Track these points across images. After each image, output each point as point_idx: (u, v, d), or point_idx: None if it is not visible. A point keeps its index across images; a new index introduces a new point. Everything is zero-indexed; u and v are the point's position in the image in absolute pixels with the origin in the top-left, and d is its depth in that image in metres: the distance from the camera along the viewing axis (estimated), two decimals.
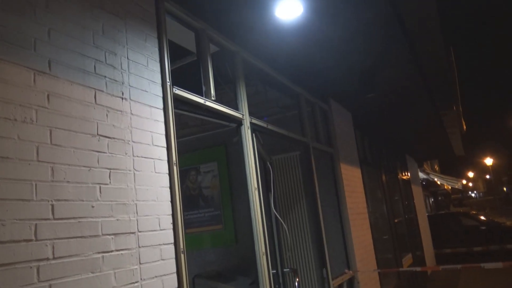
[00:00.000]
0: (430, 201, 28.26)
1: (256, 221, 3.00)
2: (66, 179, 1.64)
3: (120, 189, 1.87)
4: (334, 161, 5.26)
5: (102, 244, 1.73)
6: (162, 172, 2.15)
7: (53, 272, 1.51)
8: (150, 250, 1.97)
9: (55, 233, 1.55)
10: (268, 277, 3.01)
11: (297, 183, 5.37)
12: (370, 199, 6.42)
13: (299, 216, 5.30)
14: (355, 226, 5.28)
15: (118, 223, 1.83)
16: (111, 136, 1.89)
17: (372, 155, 7.61)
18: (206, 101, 2.71)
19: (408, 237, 9.44)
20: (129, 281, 1.82)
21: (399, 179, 9.88)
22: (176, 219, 2.16)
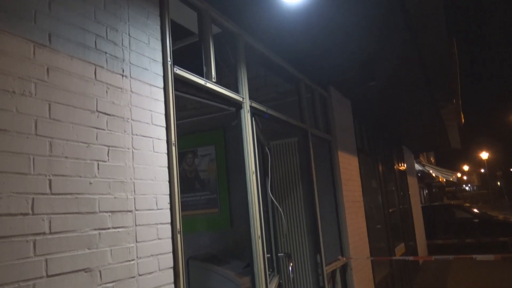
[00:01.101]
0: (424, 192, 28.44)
1: (252, 205, 3.00)
2: (64, 154, 1.62)
3: (118, 166, 1.86)
4: (332, 148, 5.26)
5: (99, 221, 1.72)
6: (160, 151, 2.14)
7: (50, 247, 1.51)
8: (147, 229, 1.97)
9: (52, 208, 1.54)
10: (262, 260, 3.03)
11: (294, 169, 5.38)
12: (365, 188, 6.44)
13: (295, 202, 5.32)
14: (350, 214, 5.31)
15: (116, 200, 1.82)
16: (111, 113, 1.87)
17: (369, 144, 7.62)
18: (206, 82, 2.68)
19: (401, 227, 9.52)
20: (125, 259, 1.82)
21: (395, 169, 9.92)
22: (173, 199, 2.15)
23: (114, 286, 1.74)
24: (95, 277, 1.67)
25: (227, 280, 4.42)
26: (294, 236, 5.29)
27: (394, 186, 9.62)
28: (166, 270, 2.05)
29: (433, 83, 5.85)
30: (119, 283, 1.77)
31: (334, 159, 5.24)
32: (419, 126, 8.75)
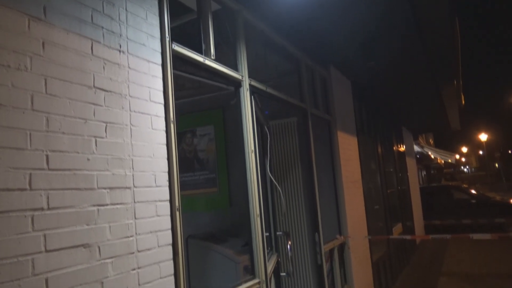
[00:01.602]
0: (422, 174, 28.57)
1: (251, 183, 3.00)
2: (61, 130, 1.61)
3: (116, 143, 1.85)
4: (331, 128, 5.25)
5: (97, 197, 1.72)
6: (159, 129, 2.13)
7: (48, 222, 1.51)
8: (146, 206, 1.97)
9: (50, 183, 1.54)
10: (261, 239, 3.05)
11: (293, 149, 5.37)
12: (364, 168, 6.45)
13: (294, 182, 5.33)
14: (349, 194, 5.33)
15: (114, 177, 1.81)
16: (108, 89, 1.85)
17: (369, 125, 7.60)
18: (205, 59, 2.65)
19: (399, 207, 9.58)
20: (124, 235, 1.82)
21: (394, 150, 9.93)
22: (172, 176, 2.15)
23: (113, 262, 1.75)
24: (94, 253, 1.67)
25: (226, 258, 4.46)
26: (292, 215, 5.32)
27: (393, 167, 9.64)
28: (165, 246, 2.06)
29: (434, 63, 5.80)
30: (118, 259, 1.78)
31: (333, 139, 5.23)
32: (419, 106, 8.72)
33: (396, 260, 8.07)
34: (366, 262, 5.83)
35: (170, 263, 2.07)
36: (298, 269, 5.23)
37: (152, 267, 1.96)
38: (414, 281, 7.80)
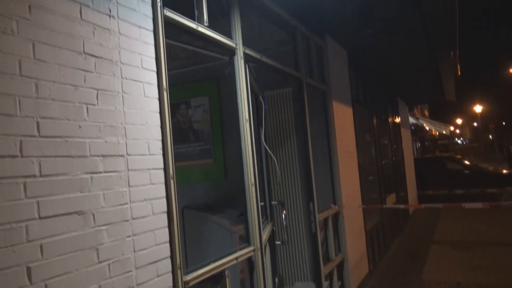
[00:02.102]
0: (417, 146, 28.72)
1: (246, 152, 3.00)
2: (51, 97, 1.58)
3: (108, 110, 1.82)
4: (327, 98, 5.22)
5: (90, 164, 1.71)
6: (151, 96, 2.10)
7: (41, 189, 1.50)
8: (139, 174, 1.96)
9: (41, 150, 1.52)
10: (256, 208, 3.07)
11: (288, 119, 5.35)
12: (359, 139, 6.46)
13: (289, 152, 5.34)
14: (343, 164, 5.35)
15: (107, 145, 1.80)
16: (98, 55, 1.81)
17: (364, 95, 7.57)
18: (198, 26, 2.59)
19: (393, 178, 9.67)
20: (118, 202, 1.82)
21: (389, 121, 9.94)
22: (166, 145, 2.14)
23: (108, 229, 1.76)
24: (88, 220, 1.67)
25: (221, 228, 4.51)
26: (287, 185, 5.35)
27: (388, 138, 9.67)
28: (160, 214, 2.07)
29: (431, 32, 5.72)
30: (112, 226, 1.78)
31: (328, 109, 5.21)
32: (415, 76, 8.67)
33: (389, 229, 8.21)
34: (359, 231, 5.93)
35: (165, 231, 2.09)
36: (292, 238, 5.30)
37: (147, 234, 1.97)
38: (406, 249, 7.96)
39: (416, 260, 7.10)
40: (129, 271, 1.85)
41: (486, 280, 5.71)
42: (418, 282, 5.91)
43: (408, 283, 5.91)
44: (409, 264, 6.87)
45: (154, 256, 2.00)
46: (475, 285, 5.56)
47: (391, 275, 6.37)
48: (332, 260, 4.83)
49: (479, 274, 6.01)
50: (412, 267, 6.67)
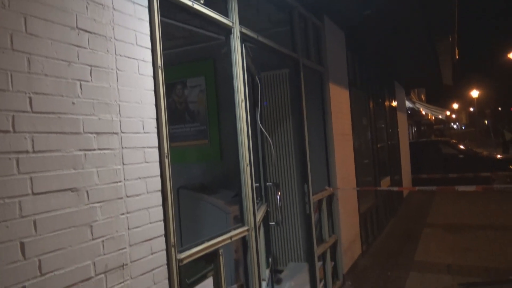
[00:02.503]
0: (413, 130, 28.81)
1: (241, 133, 2.99)
2: (44, 72, 1.56)
3: (102, 87, 1.81)
4: (323, 80, 5.20)
5: (84, 142, 1.70)
6: (146, 74, 2.07)
7: (34, 166, 1.49)
8: (134, 152, 1.95)
9: (34, 126, 1.51)
10: (250, 188, 3.08)
11: (284, 100, 5.34)
12: (355, 122, 6.46)
13: (285, 133, 5.34)
14: (339, 146, 5.36)
15: (101, 122, 1.78)
16: (92, 31, 1.78)
17: (361, 78, 7.54)
18: (194, 3, 2.55)
19: (388, 162, 9.72)
20: (112, 180, 1.82)
21: (386, 105, 9.93)
22: (160, 123, 2.12)
23: (101, 206, 1.76)
24: (82, 197, 1.67)
25: (216, 209, 4.53)
26: (282, 166, 5.37)
27: (384, 122, 9.68)
28: (154, 193, 2.07)
29: (430, 14, 5.67)
30: (107, 203, 1.78)
31: (325, 91, 5.19)
32: (412, 60, 8.63)
33: (383, 212, 8.29)
34: (353, 213, 5.98)
35: (159, 209, 2.09)
36: (287, 219, 5.34)
37: (141, 212, 1.98)
38: (399, 232, 8.06)
39: (408, 242, 7.19)
40: (123, 248, 1.86)
41: (476, 262, 5.81)
42: (409, 263, 6.00)
43: (399, 264, 6.00)
44: (402, 246, 6.96)
45: (148, 234, 2.01)
46: (465, 267, 5.65)
47: (383, 256, 6.46)
48: (325, 241, 4.88)
49: (469, 256, 6.11)
50: (405, 249, 6.76)
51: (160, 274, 2.07)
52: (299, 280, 5.05)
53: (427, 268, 5.70)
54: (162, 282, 2.08)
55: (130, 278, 1.88)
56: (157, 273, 2.05)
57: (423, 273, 5.53)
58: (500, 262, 5.73)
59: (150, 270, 2.00)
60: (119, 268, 1.83)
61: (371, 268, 5.93)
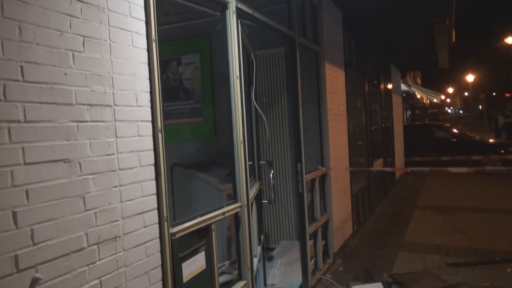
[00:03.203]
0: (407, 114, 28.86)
1: (235, 109, 2.98)
2: (35, 41, 1.53)
3: (95, 59, 1.78)
4: (319, 60, 5.16)
5: (76, 113, 1.69)
6: (140, 47, 2.05)
7: (25, 135, 1.48)
8: (127, 125, 1.95)
9: (26, 96, 1.49)
10: (244, 165, 3.08)
11: (280, 79, 5.32)
12: (350, 103, 6.46)
13: (279, 112, 5.33)
14: (333, 127, 5.37)
15: (93, 94, 1.77)
16: (84, 0, 1.74)
17: (357, 59, 7.51)
18: None
19: (382, 144, 9.77)
20: (105, 153, 1.82)
21: (381, 87, 9.92)
22: (154, 97, 2.11)
23: (94, 178, 1.76)
24: (75, 168, 1.67)
25: (209, 186, 4.56)
26: (276, 145, 5.38)
27: (379, 104, 9.68)
28: (147, 166, 2.07)
29: None
30: (99, 176, 1.78)
31: (320, 71, 5.17)
32: (409, 41, 8.58)
33: (375, 193, 8.38)
34: (345, 194, 6.03)
35: (152, 183, 2.10)
36: (279, 198, 5.39)
37: (134, 185, 1.98)
38: (390, 213, 8.16)
39: (399, 223, 7.29)
40: (116, 220, 1.87)
41: (465, 243, 5.91)
42: (399, 243, 6.09)
43: (389, 244, 6.09)
44: (392, 227, 7.06)
45: (141, 207, 2.01)
46: (454, 248, 5.75)
47: (374, 236, 6.56)
48: (317, 220, 4.94)
49: (458, 237, 6.21)
50: (395, 230, 6.86)
51: (153, 247, 2.09)
52: (290, 258, 5.13)
53: (416, 248, 5.80)
54: (154, 255, 2.10)
55: (122, 250, 1.90)
56: (150, 246, 2.07)
57: (412, 253, 5.62)
58: (488, 244, 5.84)
59: (142, 243, 2.02)
60: (111, 240, 1.84)
61: (361, 247, 6.02)
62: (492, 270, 4.83)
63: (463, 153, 11.99)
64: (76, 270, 1.66)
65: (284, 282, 4.58)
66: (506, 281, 4.48)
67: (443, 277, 4.65)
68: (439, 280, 4.57)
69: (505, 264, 4.97)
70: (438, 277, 4.66)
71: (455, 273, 4.79)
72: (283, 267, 4.92)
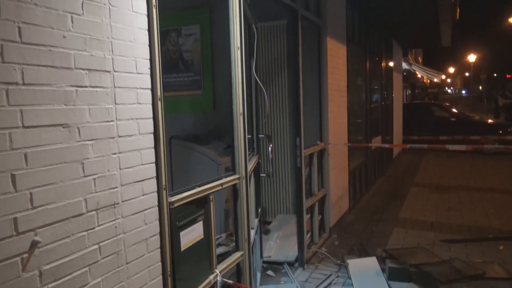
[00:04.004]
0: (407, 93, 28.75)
1: (236, 80, 2.96)
2: (33, 1, 1.49)
3: (94, 22, 1.75)
4: (321, 33, 5.09)
5: (75, 77, 1.66)
6: (140, 12, 2.00)
7: (24, 98, 1.47)
8: (126, 92, 1.92)
9: (24, 58, 1.46)
10: (243, 137, 3.08)
11: (281, 53, 5.26)
12: (350, 78, 6.40)
13: (279, 86, 5.30)
14: (333, 102, 5.34)
15: (92, 58, 1.74)
16: None
17: (359, 34, 7.41)
18: None
19: (381, 122, 9.75)
20: (104, 119, 1.80)
21: (382, 63, 9.83)
22: (154, 64, 2.08)
23: (93, 144, 1.75)
24: (74, 133, 1.66)
25: (208, 159, 4.56)
26: (275, 119, 5.37)
27: (379, 81, 9.62)
28: (146, 134, 2.06)
29: None
30: (98, 142, 1.77)
31: (322, 45, 5.10)
32: (413, 17, 8.44)
33: (372, 170, 8.42)
34: (343, 169, 6.06)
35: (151, 151, 2.09)
36: (277, 172, 5.41)
37: (133, 153, 1.97)
38: (386, 190, 8.23)
39: (395, 200, 7.36)
40: (115, 187, 1.87)
41: (459, 221, 5.99)
42: (394, 219, 6.16)
43: (385, 220, 6.16)
44: (388, 204, 7.13)
45: (139, 175, 2.01)
46: (448, 225, 5.82)
47: (369, 212, 6.62)
48: (314, 194, 4.97)
49: (453, 215, 6.29)
50: (390, 207, 6.93)
51: (151, 215, 2.10)
52: (287, 231, 5.19)
53: (411, 225, 5.87)
54: (153, 223, 2.11)
55: (121, 217, 1.91)
56: (148, 214, 2.08)
57: (407, 229, 5.70)
58: (482, 222, 5.91)
59: (141, 210, 2.03)
60: (110, 207, 1.85)
61: (357, 223, 6.09)
62: (485, 247, 4.91)
63: (461, 133, 12.02)
64: (75, 234, 1.67)
65: (280, 255, 4.65)
66: (498, 258, 4.55)
67: (437, 252, 4.73)
68: (432, 255, 4.64)
69: (498, 242, 5.05)
70: (431, 252, 4.73)
71: (449, 249, 4.86)
72: (279, 240, 4.98)
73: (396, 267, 4.02)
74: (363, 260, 4.49)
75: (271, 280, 4.19)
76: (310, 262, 4.60)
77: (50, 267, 1.56)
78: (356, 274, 4.14)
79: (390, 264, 4.08)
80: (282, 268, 4.46)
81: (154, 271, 2.13)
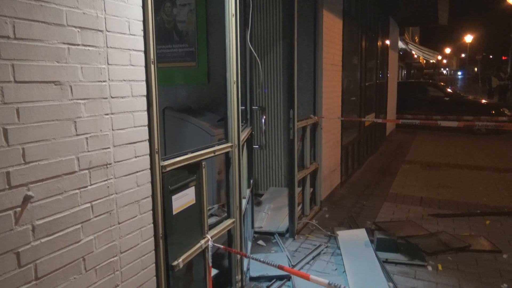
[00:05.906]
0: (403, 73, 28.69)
1: (230, 49, 2.94)
2: None
3: None
4: (317, 5, 5.04)
5: (67, 35, 1.65)
6: None
7: (15, 53, 1.46)
8: (119, 53, 1.91)
9: (15, 11, 1.44)
10: (236, 107, 3.08)
11: (276, 24, 5.21)
12: (346, 54, 6.38)
13: (274, 58, 5.27)
14: (327, 76, 5.34)
15: (85, 16, 1.72)
16: None
17: (356, 9, 7.34)
18: None
19: (375, 100, 9.76)
20: (96, 79, 1.80)
21: (378, 40, 9.77)
22: (147, 27, 2.06)
23: (85, 104, 1.75)
24: (66, 91, 1.66)
25: (201, 131, 4.57)
26: (269, 91, 5.36)
27: (375, 58, 9.58)
28: (139, 97, 2.06)
29: None
30: (91, 101, 1.78)
31: (318, 18, 5.06)
32: None
33: (364, 147, 8.48)
34: (336, 144, 6.10)
35: (144, 114, 2.10)
36: (270, 144, 5.44)
37: (126, 115, 1.98)
38: (378, 167, 8.31)
39: (386, 176, 7.44)
40: (107, 147, 1.88)
41: (447, 197, 6.09)
42: (384, 194, 6.25)
43: (375, 195, 6.25)
44: (379, 180, 7.21)
45: (132, 137, 2.02)
46: (437, 200, 5.92)
47: (360, 187, 6.71)
48: (306, 167, 5.01)
49: (442, 191, 6.39)
50: (381, 182, 7.02)
51: (143, 177, 2.12)
52: (278, 203, 5.26)
53: (401, 200, 5.97)
54: (145, 185, 2.14)
55: (113, 178, 1.93)
56: (140, 176, 2.10)
57: (396, 203, 5.79)
58: (470, 198, 6.02)
59: (133, 172, 2.05)
60: (102, 167, 1.86)
61: (347, 197, 6.17)
62: (471, 222, 5.01)
63: (455, 112, 12.08)
64: (67, 192, 1.69)
65: (271, 225, 4.72)
66: (484, 232, 4.66)
67: (425, 226, 4.82)
68: (420, 228, 4.74)
69: (485, 217, 5.16)
70: (419, 225, 4.83)
71: (436, 223, 4.96)
72: (271, 212, 5.05)
73: (384, 238, 4.10)
74: (353, 232, 4.58)
75: (262, 249, 4.27)
76: (301, 233, 4.68)
77: (43, 222, 1.59)
78: (345, 244, 4.23)
79: (379, 235, 4.16)
80: (273, 238, 4.54)
81: (146, 232, 2.16)
